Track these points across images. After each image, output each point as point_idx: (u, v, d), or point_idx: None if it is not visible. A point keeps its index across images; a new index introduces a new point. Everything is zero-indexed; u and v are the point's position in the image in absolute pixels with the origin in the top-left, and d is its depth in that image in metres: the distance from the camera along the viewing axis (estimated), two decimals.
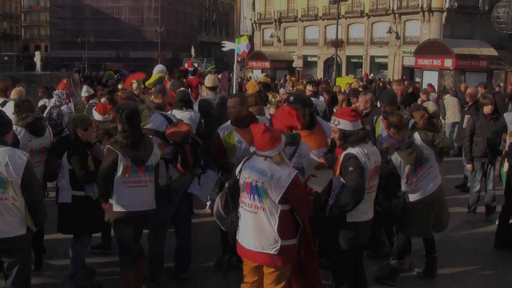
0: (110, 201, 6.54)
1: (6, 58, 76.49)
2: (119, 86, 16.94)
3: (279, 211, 5.31)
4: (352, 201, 5.74)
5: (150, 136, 6.98)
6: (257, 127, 5.50)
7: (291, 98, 7.11)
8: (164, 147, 7.18)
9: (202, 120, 9.83)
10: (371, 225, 6.21)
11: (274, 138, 5.33)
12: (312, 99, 9.67)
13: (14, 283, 5.68)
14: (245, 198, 5.46)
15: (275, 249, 5.36)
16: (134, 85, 13.63)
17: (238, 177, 5.56)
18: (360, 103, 9.62)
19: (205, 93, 12.41)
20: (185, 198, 7.76)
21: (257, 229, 5.40)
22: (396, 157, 7.28)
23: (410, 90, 19.36)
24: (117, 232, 6.83)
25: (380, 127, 8.31)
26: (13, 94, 10.44)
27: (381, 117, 8.42)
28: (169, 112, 8.49)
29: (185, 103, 9.33)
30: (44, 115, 11.63)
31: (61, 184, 7.25)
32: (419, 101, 16.49)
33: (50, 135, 8.01)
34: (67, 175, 7.13)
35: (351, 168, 5.72)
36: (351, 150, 5.80)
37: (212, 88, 11.47)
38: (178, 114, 8.90)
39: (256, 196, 5.35)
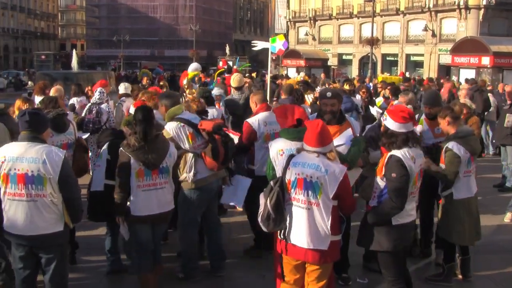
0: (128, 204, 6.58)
1: (43, 57, 77.70)
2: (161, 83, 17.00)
3: (331, 207, 5.35)
4: (393, 210, 5.65)
5: (182, 125, 7.09)
6: (313, 124, 5.49)
7: (329, 93, 7.14)
8: (195, 138, 7.19)
9: (226, 116, 9.88)
10: (415, 225, 6.18)
11: (329, 138, 5.41)
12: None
13: (52, 279, 5.72)
14: (297, 195, 5.44)
15: (325, 245, 5.38)
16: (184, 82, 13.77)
17: (282, 175, 5.51)
18: (401, 102, 9.43)
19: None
20: (216, 199, 7.78)
21: (309, 226, 5.39)
22: (457, 147, 7.08)
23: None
24: (135, 235, 6.72)
25: (424, 127, 8.19)
26: (52, 92, 10.54)
27: (423, 116, 8.29)
28: None
29: (207, 100, 9.37)
30: (84, 112, 11.78)
31: (96, 173, 7.30)
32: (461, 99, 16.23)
33: (74, 131, 8.04)
34: (104, 164, 7.18)
35: (394, 175, 5.61)
36: (395, 153, 5.68)
37: (238, 88, 11.49)
38: None
39: (310, 192, 5.36)
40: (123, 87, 13.31)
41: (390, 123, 5.79)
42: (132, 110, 8.71)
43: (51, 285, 5.75)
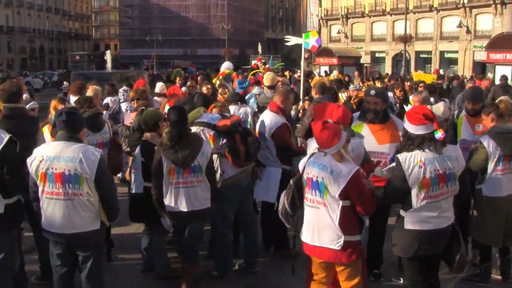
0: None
1: (77, 57, 78.64)
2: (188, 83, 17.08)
3: (340, 206, 5.28)
4: (377, 199, 5.67)
5: (202, 129, 7.16)
6: (316, 124, 5.44)
7: (373, 91, 7.11)
8: (216, 139, 7.22)
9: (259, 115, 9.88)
10: (441, 235, 5.68)
11: (333, 136, 5.28)
12: None
13: (89, 276, 5.79)
14: (307, 194, 5.47)
15: (338, 245, 5.33)
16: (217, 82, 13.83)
17: (302, 173, 5.53)
18: (414, 103, 9.30)
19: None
20: (249, 195, 7.78)
21: (320, 225, 5.39)
22: (488, 142, 6.92)
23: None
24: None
25: (464, 124, 8.09)
26: (89, 91, 10.66)
27: (463, 113, 8.19)
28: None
29: (240, 98, 9.41)
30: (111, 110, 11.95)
31: (134, 175, 7.41)
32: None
33: (110, 130, 8.14)
34: (139, 167, 7.29)
35: (393, 173, 5.65)
36: (400, 155, 5.56)
37: (271, 87, 11.51)
38: (233, 108, 9.06)
39: (317, 192, 5.35)
40: (159, 86, 13.38)
41: (407, 126, 5.64)
42: (167, 110, 8.75)
43: (88, 282, 5.83)
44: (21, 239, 6.88)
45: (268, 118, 7.92)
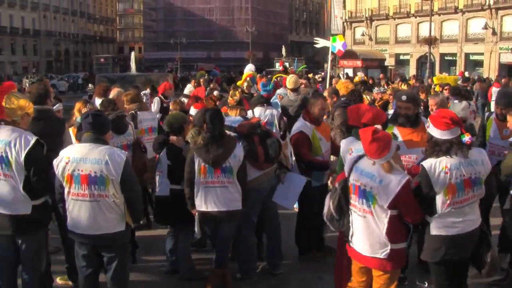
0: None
1: (102, 60, 79.19)
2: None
3: (388, 216, 5.20)
4: None
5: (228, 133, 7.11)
6: (365, 132, 5.31)
7: (404, 97, 6.98)
8: (238, 141, 7.18)
9: (284, 118, 9.91)
10: (467, 239, 5.57)
11: (383, 148, 5.17)
12: None
13: (114, 277, 5.85)
14: (354, 201, 5.39)
15: (384, 253, 5.27)
16: (245, 84, 13.86)
17: (347, 177, 5.44)
18: (431, 105, 9.16)
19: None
20: (270, 195, 7.73)
21: (366, 233, 5.32)
22: None
23: None
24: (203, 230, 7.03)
25: (492, 127, 8.01)
26: (112, 94, 10.72)
27: (493, 116, 8.10)
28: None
29: (266, 100, 9.39)
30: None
31: (159, 178, 7.43)
32: None
33: (133, 132, 8.19)
34: (165, 170, 7.33)
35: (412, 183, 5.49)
36: (424, 162, 5.45)
37: (294, 90, 11.47)
38: (259, 110, 9.04)
39: (364, 200, 5.27)
40: (188, 89, 13.42)
41: (433, 131, 5.50)
42: (192, 111, 8.81)
43: (113, 283, 5.88)
44: (47, 240, 6.95)
45: (296, 124, 7.91)
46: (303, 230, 8.15)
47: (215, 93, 13.50)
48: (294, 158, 8.11)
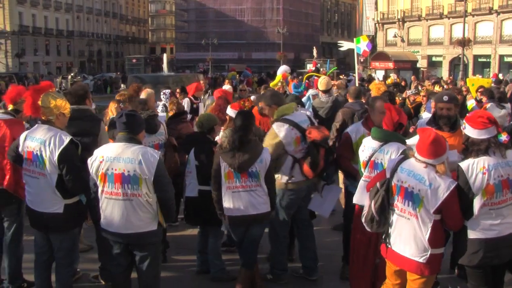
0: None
1: (134, 60, 79.74)
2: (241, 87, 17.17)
3: (432, 221, 5.14)
4: None
5: (291, 128, 7.06)
6: (426, 133, 5.24)
7: (445, 97, 6.88)
8: (300, 142, 7.13)
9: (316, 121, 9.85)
10: (506, 243, 5.42)
11: (441, 148, 5.13)
12: None
13: (146, 276, 5.88)
14: (398, 202, 5.31)
15: (424, 258, 5.20)
16: (279, 84, 13.90)
17: (390, 177, 5.37)
18: (433, 108, 8.98)
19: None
20: (307, 203, 7.69)
21: (408, 235, 5.25)
22: None
23: None
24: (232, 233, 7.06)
25: None
26: (143, 94, 10.79)
27: None
28: None
29: (299, 102, 9.33)
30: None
31: (188, 179, 7.46)
32: None
33: (165, 132, 8.22)
34: (194, 170, 7.36)
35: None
36: (462, 163, 5.36)
37: (325, 91, 11.40)
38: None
39: (410, 203, 5.19)
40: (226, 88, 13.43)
41: (469, 131, 5.43)
42: (229, 111, 8.81)
43: (145, 282, 5.92)
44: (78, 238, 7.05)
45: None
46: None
47: (252, 97, 13.52)
48: None
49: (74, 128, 6.47)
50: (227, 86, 13.34)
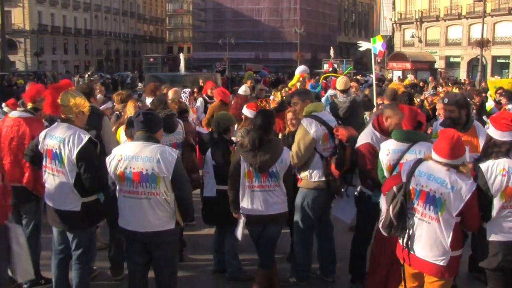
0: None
1: (151, 59, 79.99)
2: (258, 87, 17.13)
3: (454, 223, 5.11)
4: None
5: (320, 125, 7.05)
6: (447, 133, 5.18)
7: (445, 99, 6.89)
8: (328, 140, 7.14)
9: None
10: None
11: (462, 148, 5.11)
12: None
13: (162, 275, 5.89)
14: (418, 206, 5.25)
15: (444, 261, 5.17)
16: (298, 84, 13.90)
17: (406, 181, 5.30)
18: (439, 110, 8.89)
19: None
20: (330, 204, 7.66)
21: (429, 239, 5.21)
22: None
23: None
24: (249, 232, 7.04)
25: None
26: (171, 93, 10.82)
27: None
28: None
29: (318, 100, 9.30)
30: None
31: (206, 179, 7.47)
32: None
33: (183, 131, 8.23)
34: (211, 170, 7.36)
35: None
36: (482, 164, 5.33)
37: (344, 91, 11.35)
38: None
39: (432, 207, 5.14)
40: (243, 89, 13.42)
41: (492, 132, 5.40)
42: (245, 111, 8.82)
43: (161, 281, 5.92)
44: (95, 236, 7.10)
45: (363, 132, 7.22)
46: (359, 252, 7.44)
47: (272, 97, 13.53)
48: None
49: None
50: (243, 88, 13.30)
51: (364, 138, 6.88)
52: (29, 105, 7.35)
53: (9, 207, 5.69)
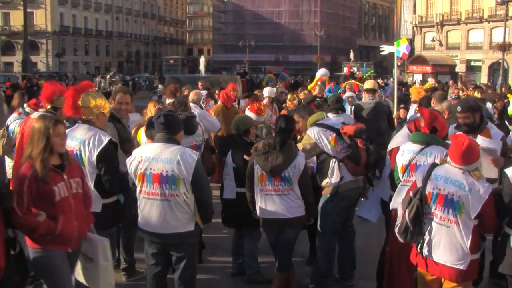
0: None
1: (171, 61, 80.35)
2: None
3: (472, 226, 5.07)
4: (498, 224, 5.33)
5: (325, 130, 7.07)
6: (458, 140, 5.17)
7: (459, 108, 6.84)
8: (337, 142, 7.11)
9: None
10: None
11: (475, 155, 5.08)
12: None
13: (181, 276, 5.88)
14: (437, 211, 5.21)
15: (464, 265, 5.13)
16: (317, 88, 13.90)
17: (422, 185, 5.28)
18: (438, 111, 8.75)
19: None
20: (355, 205, 7.62)
21: (448, 243, 5.17)
22: None
23: None
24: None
25: None
26: (192, 95, 10.86)
27: None
28: None
29: (340, 106, 9.20)
30: None
31: (226, 181, 7.48)
32: None
33: (203, 133, 8.24)
34: (231, 172, 7.37)
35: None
36: (508, 170, 5.31)
37: (370, 91, 11.28)
38: (331, 117, 8.88)
39: (450, 210, 5.10)
40: (268, 91, 13.41)
41: None
42: (247, 113, 8.86)
43: (181, 283, 5.91)
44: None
45: (399, 133, 7.18)
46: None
47: (289, 96, 13.50)
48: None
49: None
50: (268, 89, 13.33)
51: (399, 140, 6.86)
52: (48, 106, 7.39)
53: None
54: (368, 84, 11.44)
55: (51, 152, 4.98)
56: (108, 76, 48.30)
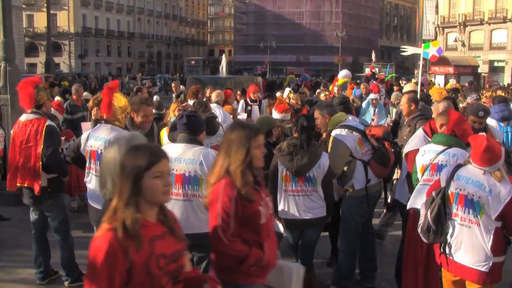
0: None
1: (193, 62, 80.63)
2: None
3: (494, 227, 5.02)
4: None
5: (351, 131, 6.98)
6: (477, 141, 5.13)
7: (481, 112, 6.80)
8: (363, 143, 7.05)
9: None
10: None
11: (495, 156, 5.02)
12: None
13: None
14: (458, 211, 5.18)
15: (486, 267, 5.08)
16: (335, 89, 13.92)
17: (445, 186, 5.25)
18: (434, 111, 8.62)
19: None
20: (375, 205, 7.59)
21: (470, 244, 5.13)
22: None
23: None
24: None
25: None
26: (214, 96, 10.89)
27: None
28: None
29: (344, 107, 9.09)
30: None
31: None
32: None
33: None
34: None
35: None
36: None
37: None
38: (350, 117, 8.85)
39: (471, 210, 5.07)
40: (288, 91, 13.44)
41: None
42: (274, 114, 8.84)
43: None
44: None
45: (414, 136, 7.14)
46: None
47: (291, 95, 13.50)
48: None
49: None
50: (287, 90, 13.37)
51: (415, 143, 6.82)
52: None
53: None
54: (412, 86, 11.38)
55: (250, 166, 4.43)
56: (137, 76, 48.50)
